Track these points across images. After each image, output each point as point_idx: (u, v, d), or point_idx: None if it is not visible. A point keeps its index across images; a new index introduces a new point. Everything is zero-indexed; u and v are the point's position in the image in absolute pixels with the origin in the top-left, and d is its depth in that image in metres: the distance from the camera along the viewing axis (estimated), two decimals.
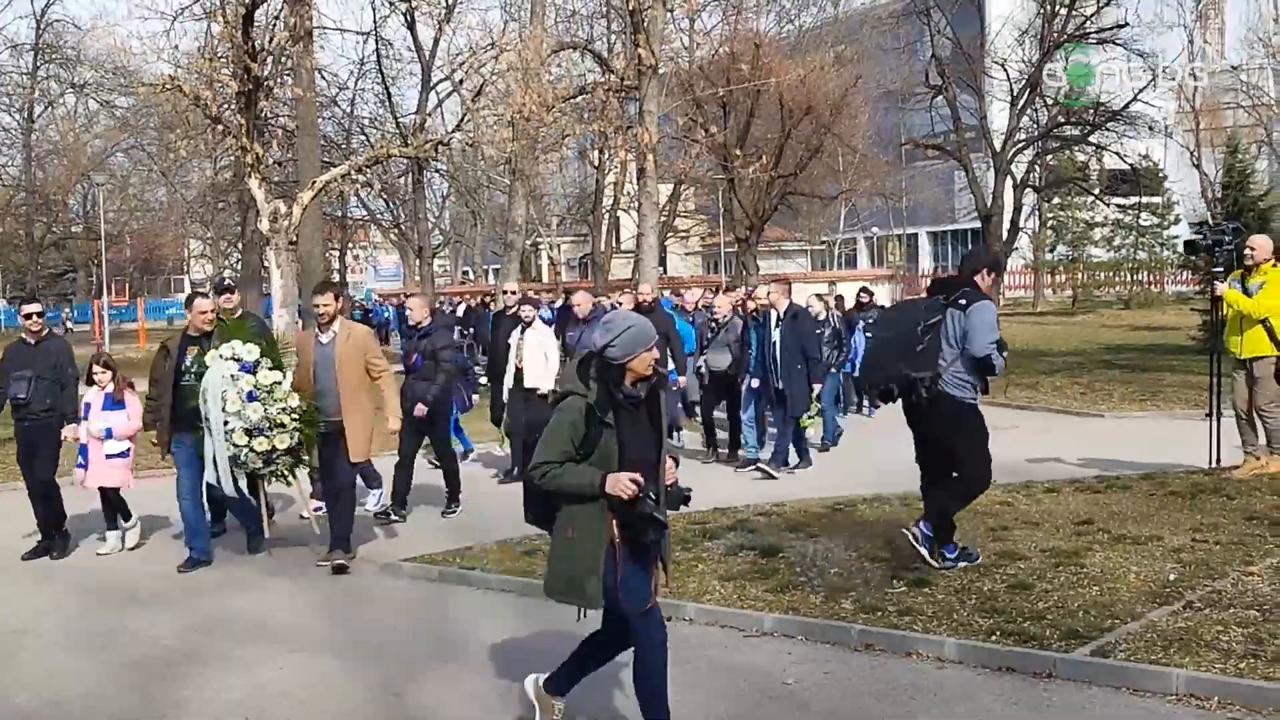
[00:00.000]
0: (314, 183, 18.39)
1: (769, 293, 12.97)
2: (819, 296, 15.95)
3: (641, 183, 21.10)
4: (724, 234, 41.36)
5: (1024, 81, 26.40)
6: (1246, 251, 10.61)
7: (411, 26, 33.96)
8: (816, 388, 12.75)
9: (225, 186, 38.87)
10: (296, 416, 9.07)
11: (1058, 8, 25.92)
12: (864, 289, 18.96)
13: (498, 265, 38.13)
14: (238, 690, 6.57)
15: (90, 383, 10.03)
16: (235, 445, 8.90)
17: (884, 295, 20.40)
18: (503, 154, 20.90)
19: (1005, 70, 27.44)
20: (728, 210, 37.58)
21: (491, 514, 10.74)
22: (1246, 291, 10.45)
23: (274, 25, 18.71)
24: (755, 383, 12.83)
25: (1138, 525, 9.11)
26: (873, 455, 13.98)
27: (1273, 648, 6.17)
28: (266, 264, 19.01)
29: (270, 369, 9.12)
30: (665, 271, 43.26)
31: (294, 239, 17.57)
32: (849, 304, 18.69)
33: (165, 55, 18.48)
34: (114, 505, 10.17)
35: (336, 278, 48.14)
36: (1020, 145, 27.05)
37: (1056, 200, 44.98)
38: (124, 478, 10.08)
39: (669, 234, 42.76)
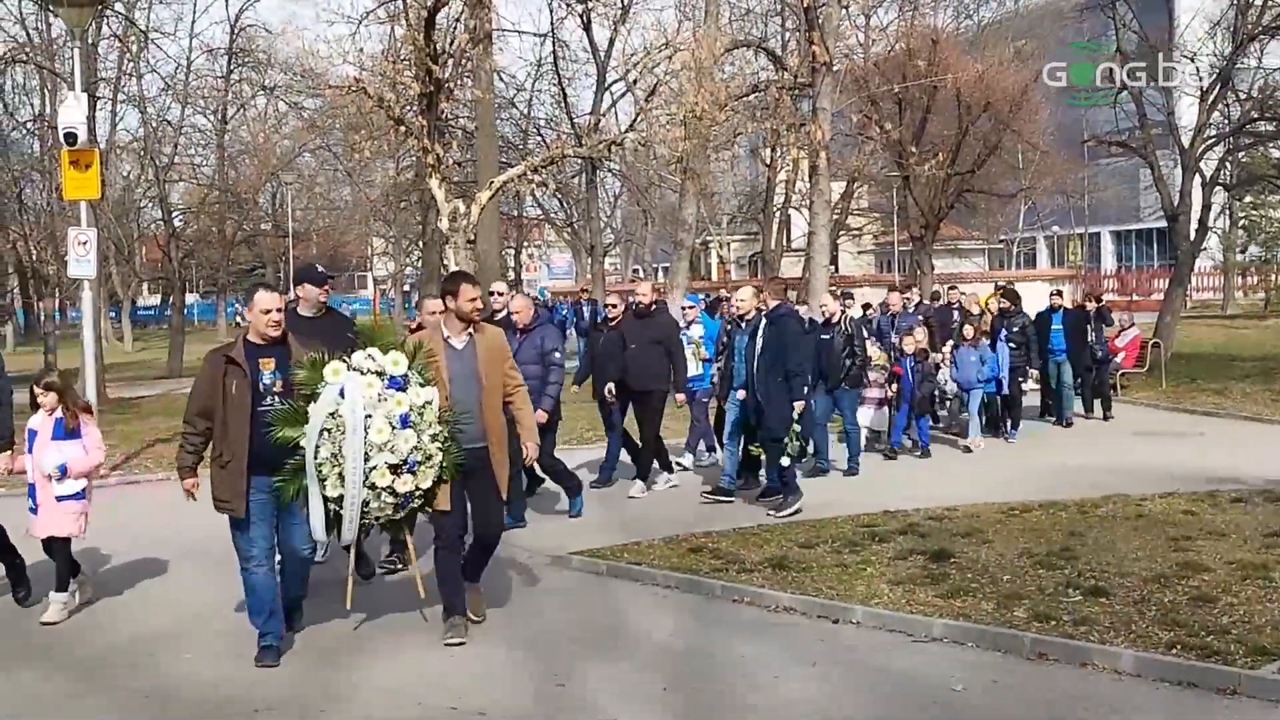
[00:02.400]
0: (492, 183, 18.72)
1: (746, 295, 11.33)
2: (835, 297, 15.14)
3: (813, 180, 20.92)
4: (898, 232, 40.80)
5: (1215, 75, 25.28)
6: None
7: (588, 28, 34.30)
8: (798, 406, 10.72)
9: (407, 186, 39.89)
10: (442, 445, 7.08)
11: None
12: (1056, 291, 18.03)
13: (667, 264, 38.28)
14: (405, 678, 6.73)
15: (35, 407, 8.17)
16: (374, 488, 6.89)
17: (1063, 297, 19.82)
18: (675, 153, 20.90)
19: (1194, 64, 26.35)
20: (902, 208, 37.03)
21: (654, 511, 10.85)
22: None
23: (455, 28, 19.10)
24: (740, 394, 11.11)
25: None
26: (1043, 460, 13.67)
27: None
28: (445, 262, 19.41)
29: (421, 384, 7.09)
30: (836, 270, 42.84)
31: (472, 237, 17.92)
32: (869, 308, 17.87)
33: (351, 58, 19.04)
34: (62, 560, 7.96)
35: (512, 275, 49.09)
36: (1210, 141, 25.91)
37: (1249, 199, 43.10)
38: (76, 526, 7.97)
39: (841, 232, 42.35)
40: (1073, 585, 7.75)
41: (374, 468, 6.84)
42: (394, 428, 6.88)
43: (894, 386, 14.27)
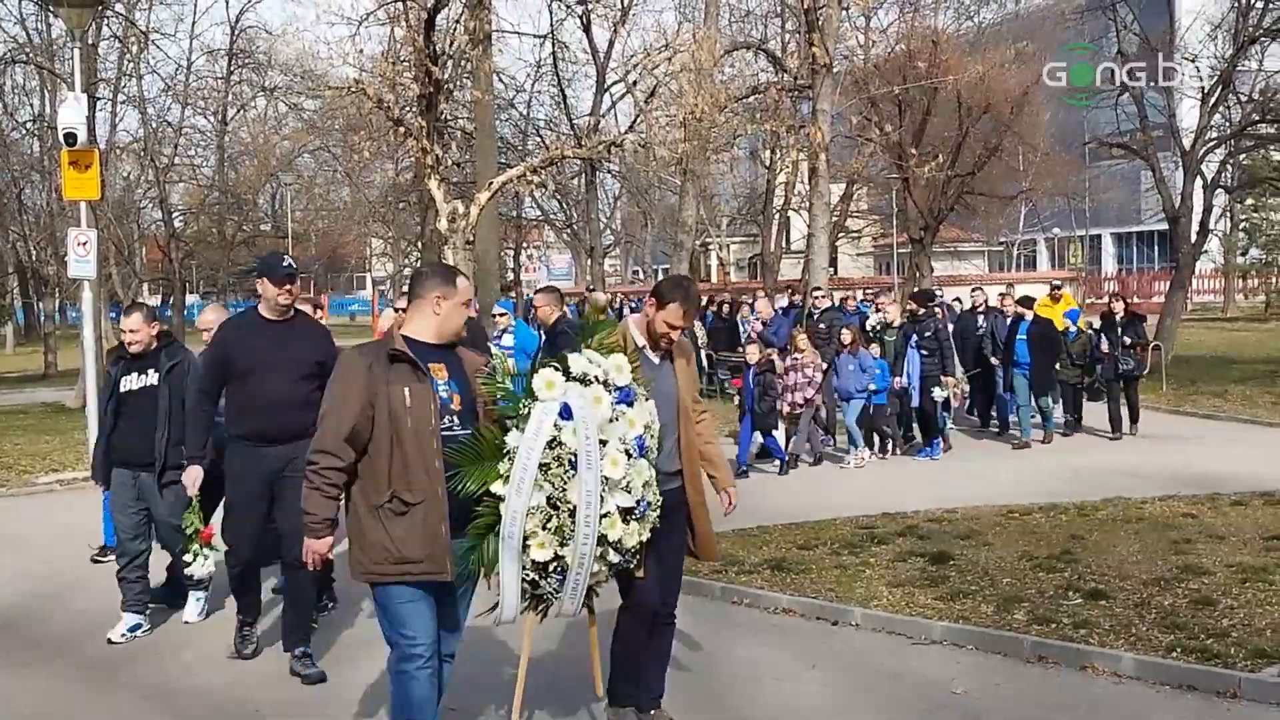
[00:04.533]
0: (491, 184, 18.72)
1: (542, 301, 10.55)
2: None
3: (813, 182, 20.93)
4: (897, 234, 40.80)
5: (1216, 78, 25.30)
6: None
7: (587, 29, 34.37)
8: None
9: (406, 187, 39.91)
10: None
11: (1254, 1, 24.78)
12: (1023, 298, 16.25)
13: (667, 265, 38.31)
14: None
15: None
16: (604, 543, 5.03)
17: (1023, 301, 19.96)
18: (674, 155, 20.91)
19: (1196, 66, 26.38)
20: (902, 210, 37.02)
21: None
22: None
23: (454, 29, 19.10)
24: None
25: None
26: (1044, 462, 13.67)
27: None
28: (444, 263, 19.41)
29: (647, 399, 5.29)
30: (836, 272, 42.83)
31: (471, 238, 17.92)
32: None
33: (350, 59, 19.04)
34: None
35: (511, 276, 49.09)
36: (1211, 144, 25.93)
37: (1250, 201, 43.23)
38: None
39: (840, 234, 42.32)
40: (1073, 588, 7.74)
41: (606, 514, 5.00)
42: (630, 457, 5.07)
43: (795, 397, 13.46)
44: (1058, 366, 15.65)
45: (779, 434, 13.59)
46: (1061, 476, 12.39)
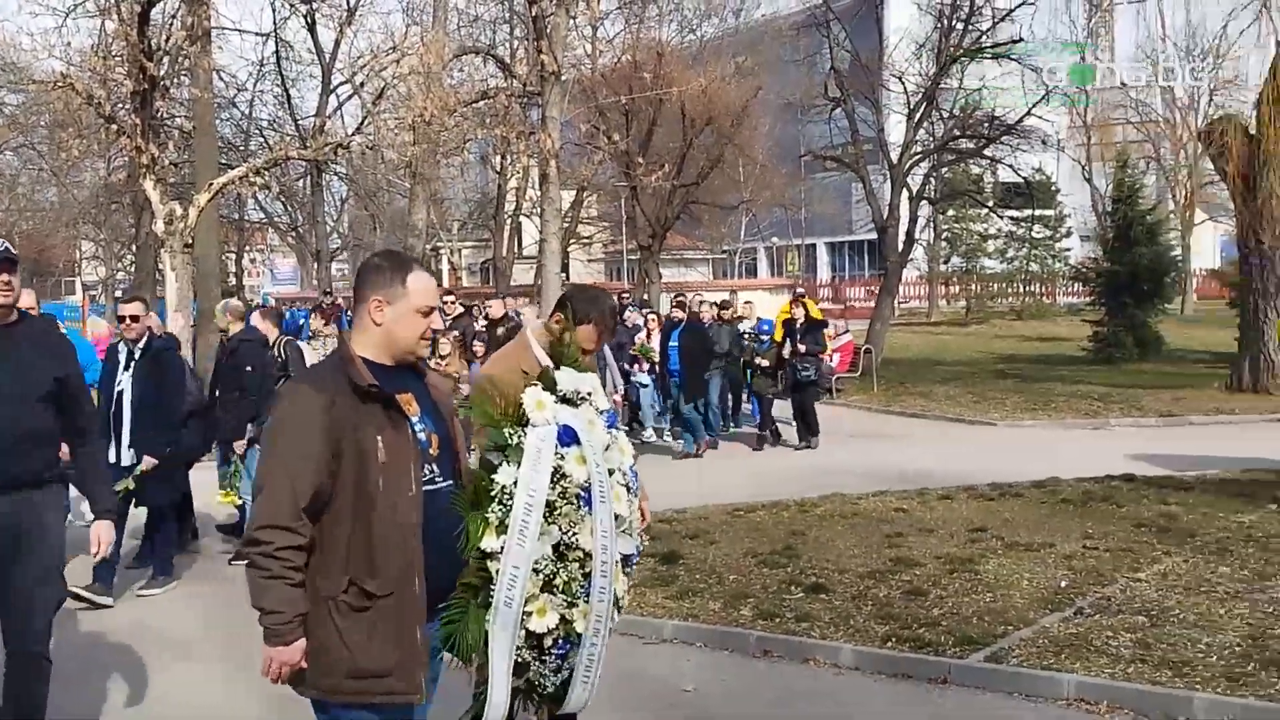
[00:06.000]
0: (211, 184, 18.03)
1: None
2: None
3: (544, 189, 20.99)
4: (626, 241, 41.43)
5: (921, 94, 26.78)
6: None
7: (312, 29, 33.51)
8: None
9: (119, 187, 37.87)
10: None
11: (954, 22, 26.35)
12: (680, 302, 16.58)
13: None
14: (138, 699, 6.38)
15: None
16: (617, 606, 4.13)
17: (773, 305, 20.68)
18: (403, 158, 20.66)
19: (903, 83, 27.86)
20: (630, 218, 37.61)
21: None
22: None
23: (171, 24, 18.30)
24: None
25: (1030, 532, 9.29)
26: (767, 463, 14.13)
27: (1159, 652, 6.32)
28: (161, 267, 18.56)
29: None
30: (568, 278, 43.15)
31: (190, 242, 17.20)
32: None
33: (57, 52, 17.93)
34: None
35: (233, 281, 47.35)
36: (916, 158, 27.41)
37: (951, 212, 45.80)
38: None
39: (571, 240, 42.62)
40: (795, 583, 8.00)
41: (617, 562, 4.06)
42: (629, 490, 4.15)
43: None
44: (751, 376, 15.90)
45: None
46: (784, 476, 12.81)
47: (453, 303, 16.79)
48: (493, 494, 3.79)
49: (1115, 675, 6.08)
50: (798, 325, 15.40)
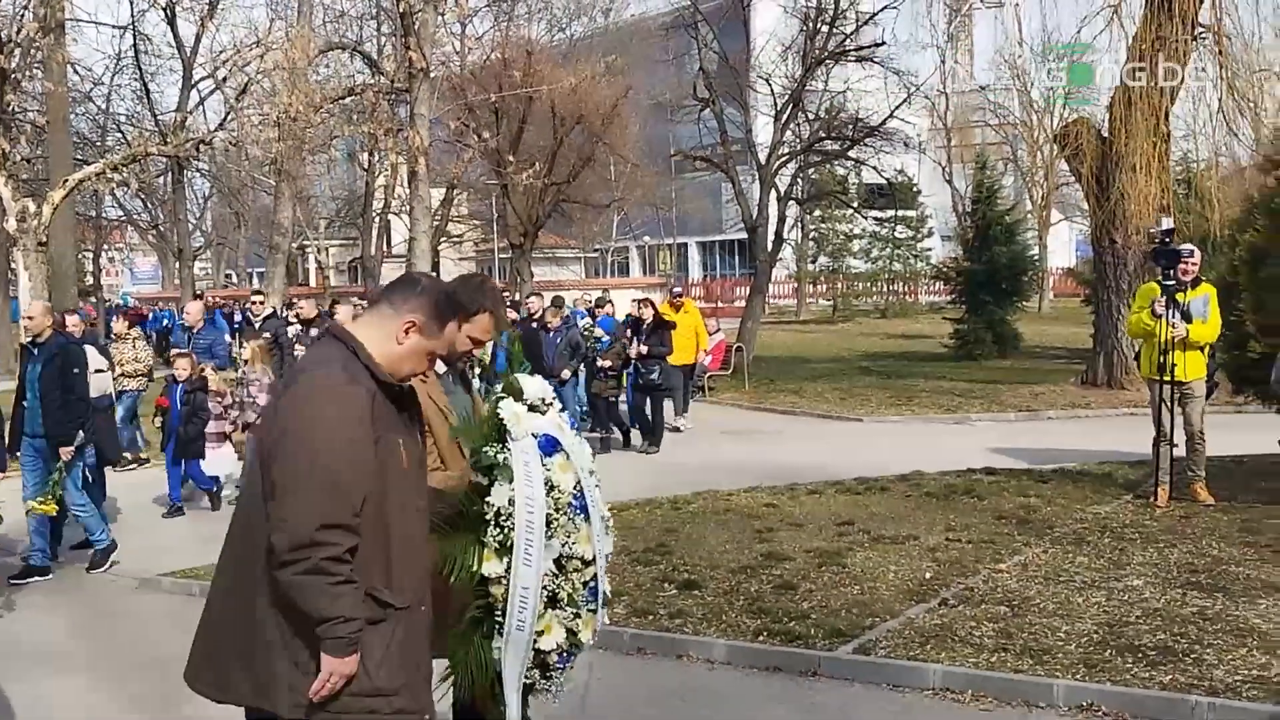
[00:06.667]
0: (66, 181, 17.50)
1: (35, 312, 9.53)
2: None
3: (413, 186, 20.79)
4: (498, 240, 41.24)
5: (787, 97, 27.14)
6: (1185, 264, 9.86)
7: (172, 22, 32.74)
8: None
9: None
10: None
11: (819, 25, 26.73)
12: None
13: (262, 269, 37.00)
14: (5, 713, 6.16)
15: None
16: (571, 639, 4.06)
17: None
18: (268, 154, 20.27)
19: (770, 85, 28.20)
20: (501, 216, 37.45)
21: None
22: (1187, 310, 9.86)
23: (22, 16, 17.72)
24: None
25: (896, 525, 9.49)
26: (639, 462, 14.19)
27: (1021, 641, 6.50)
28: (14, 265, 17.95)
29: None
30: (439, 276, 42.73)
31: (44, 239, 16.67)
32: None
33: None
34: None
35: (90, 280, 45.88)
36: (784, 159, 27.75)
37: (818, 213, 46.53)
38: None
39: (442, 239, 42.29)
40: (668, 580, 8.05)
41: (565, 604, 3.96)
42: (599, 489, 4.19)
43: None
44: (590, 377, 15.45)
45: (208, 463, 11.58)
46: (659, 473, 12.86)
47: (260, 303, 16.30)
48: (487, 517, 3.69)
49: (979, 664, 6.24)
50: (643, 326, 14.97)
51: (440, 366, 4.25)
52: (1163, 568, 7.93)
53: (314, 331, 13.81)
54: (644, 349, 14.78)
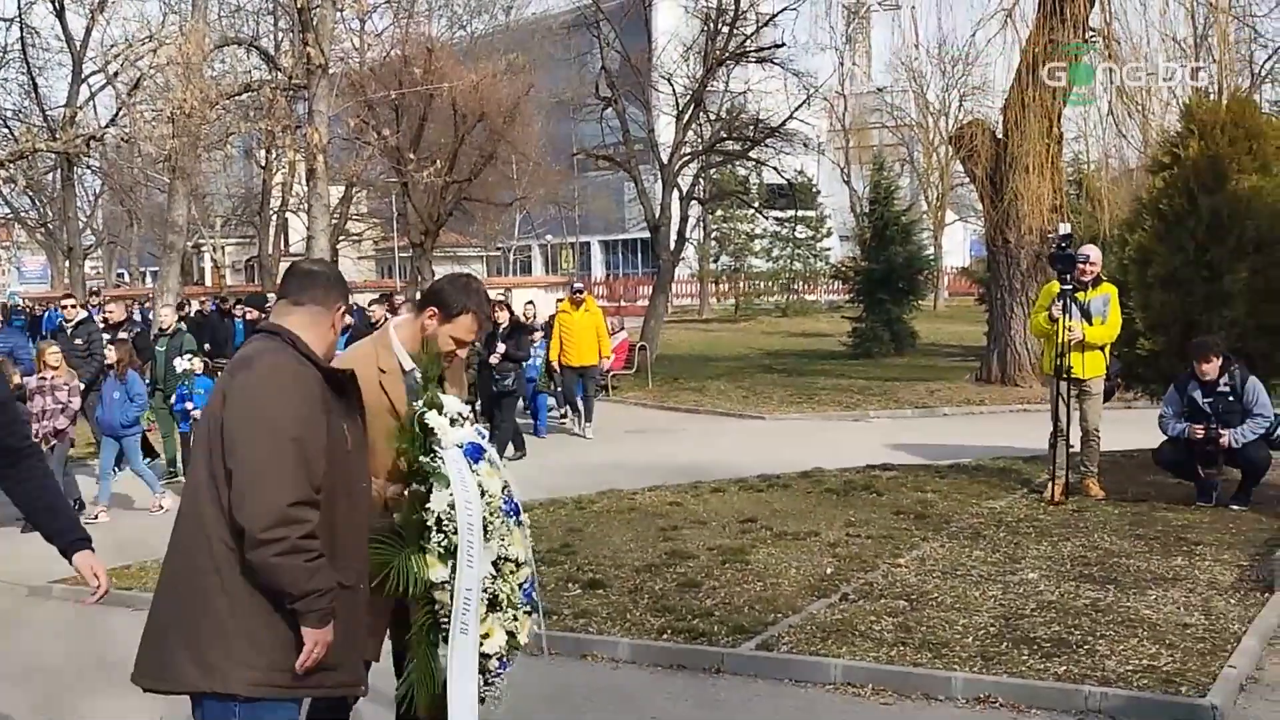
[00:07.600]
0: None
1: None
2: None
3: (311, 184, 20.52)
4: (399, 238, 40.86)
5: (689, 97, 27.28)
6: (1085, 265, 10.05)
7: (61, 14, 31.92)
8: None
9: None
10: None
11: (720, 26, 26.92)
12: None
13: (156, 268, 36.25)
14: None
15: None
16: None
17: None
18: (161, 151, 19.85)
19: (671, 85, 28.34)
20: (401, 214, 37.09)
21: (153, 535, 10.21)
22: (1087, 308, 10.05)
23: None
24: None
25: (797, 522, 9.59)
26: (543, 461, 14.16)
27: (919, 635, 6.61)
28: None
29: None
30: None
31: None
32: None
33: None
34: None
35: None
36: (686, 159, 27.91)
37: (720, 212, 46.85)
38: None
39: (341, 237, 41.82)
40: (573, 579, 8.05)
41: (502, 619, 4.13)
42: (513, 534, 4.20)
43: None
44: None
45: None
46: (563, 472, 12.84)
47: (73, 306, 15.68)
48: (429, 524, 3.79)
49: (879, 658, 6.33)
50: (499, 329, 13.97)
51: (408, 363, 4.28)
52: (1056, 561, 8.11)
53: (121, 334, 13.58)
54: (496, 356, 13.83)
